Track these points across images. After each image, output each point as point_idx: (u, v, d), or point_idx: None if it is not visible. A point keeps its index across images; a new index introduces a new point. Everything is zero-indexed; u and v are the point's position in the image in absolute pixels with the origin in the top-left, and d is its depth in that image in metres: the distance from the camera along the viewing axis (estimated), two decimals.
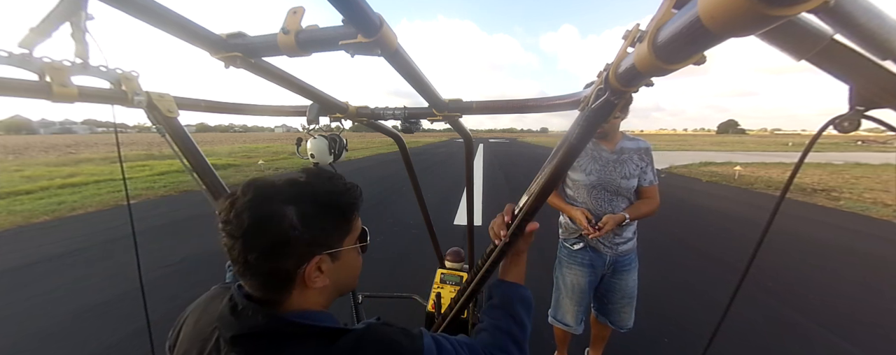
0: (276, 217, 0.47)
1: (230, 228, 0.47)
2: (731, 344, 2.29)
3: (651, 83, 0.50)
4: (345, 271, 0.56)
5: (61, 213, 5.58)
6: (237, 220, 0.46)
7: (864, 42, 0.33)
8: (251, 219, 0.46)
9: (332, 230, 0.52)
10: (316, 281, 0.51)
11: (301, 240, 0.48)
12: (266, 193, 0.48)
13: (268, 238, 0.47)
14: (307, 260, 0.49)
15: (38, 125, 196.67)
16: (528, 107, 0.93)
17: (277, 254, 0.48)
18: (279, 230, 0.47)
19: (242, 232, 0.46)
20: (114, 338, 2.33)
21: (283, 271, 0.49)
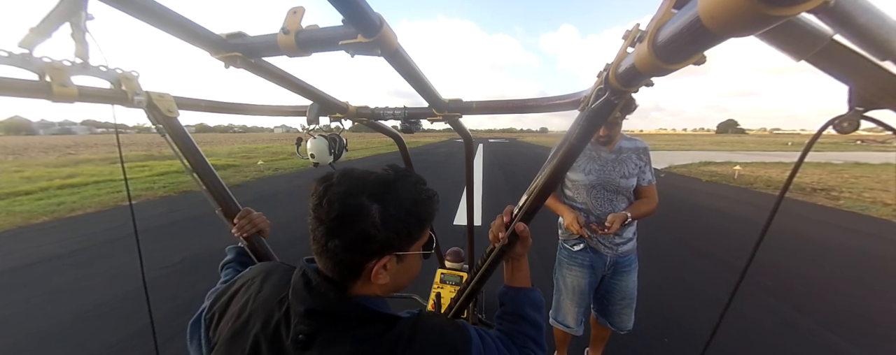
0: (361, 214, 0.50)
1: (320, 212, 0.51)
2: (731, 342, 2.29)
3: (651, 83, 0.50)
4: (405, 273, 0.59)
5: (61, 214, 5.57)
6: (328, 207, 0.50)
7: (864, 42, 0.33)
8: (340, 211, 0.49)
9: (406, 235, 0.54)
10: (379, 278, 0.53)
11: (377, 239, 0.51)
12: (358, 188, 0.51)
13: (350, 231, 0.50)
14: (377, 257, 0.52)
15: (38, 126, 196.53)
16: (528, 108, 0.93)
17: (354, 248, 0.51)
18: (362, 226, 0.50)
19: (330, 219, 0.50)
20: (114, 339, 2.33)
21: (355, 263, 0.52)
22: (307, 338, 0.50)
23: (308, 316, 0.51)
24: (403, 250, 0.55)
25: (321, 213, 0.51)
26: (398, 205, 0.52)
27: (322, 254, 0.53)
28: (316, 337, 0.51)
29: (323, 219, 0.51)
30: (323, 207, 0.51)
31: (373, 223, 0.50)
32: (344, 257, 0.51)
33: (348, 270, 0.53)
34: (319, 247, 0.52)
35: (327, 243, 0.51)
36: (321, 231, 0.51)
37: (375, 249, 0.52)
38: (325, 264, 0.54)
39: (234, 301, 0.61)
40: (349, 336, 0.51)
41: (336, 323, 0.52)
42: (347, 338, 0.50)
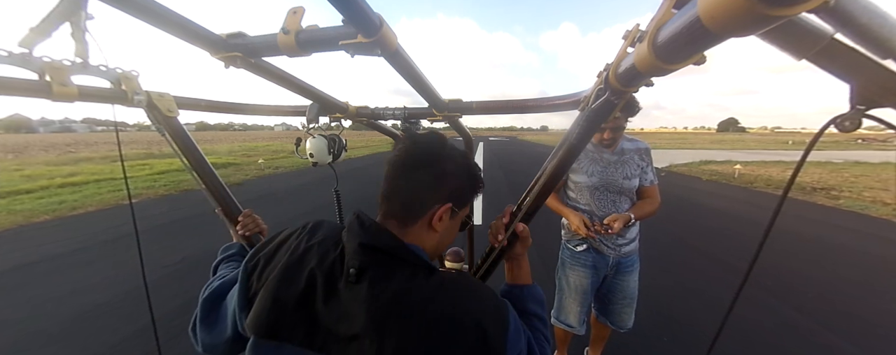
0: (445, 157, 0.60)
1: (406, 154, 0.59)
2: (731, 342, 2.29)
3: (651, 83, 0.50)
4: (449, 233, 0.65)
5: (62, 213, 5.58)
6: (417, 147, 0.60)
7: (865, 41, 0.33)
8: (429, 149, 0.59)
9: (466, 193, 0.63)
10: (439, 224, 0.60)
11: (449, 184, 0.59)
12: (443, 141, 0.61)
13: (435, 167, 0.59)
14: (442, 203, 0.59)
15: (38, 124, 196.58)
16: (528, 108, 0.93)
17: (433, 183, 0.58)
18: (444, 166, 0.59)
19: (420, 152, 0.59)
20: (115, 338, 2.33)
21: (426, 200, 0.59)
22: (358, 272, 0.53)
23: (361, 250, 0.54)
24: (458, 207, 0.62)
25: (409, 154, 0.59)
26: (466, 167, 0.62)
27: (395, 193, 0.59)
28: (366, 272, 0.53)
29: (410, 156, 0.59)
30: (411, 149, 0.59)
31: (452, 168, 0.59)
32: (420, 192, 0.58)
33: (419, 207, 0.59)
34: (394, 187, 0.59)
35: (410, 176, 0.58)
36: (405, 167, 0.58)
37: (444, 194, 0.59)
38: (393, 204, 0.60)
39: (283, 247, 0.63)
40: (397, 273, 0.53)
41: (386, 261, 0.54)
42: (395, 275, 0.53)
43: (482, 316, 0.51)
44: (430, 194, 0.58)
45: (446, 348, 0.48)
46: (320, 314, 0.53)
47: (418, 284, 0.53)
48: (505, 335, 0.52)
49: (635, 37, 0.44)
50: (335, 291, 0.53)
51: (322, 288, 0.54)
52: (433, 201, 0.58)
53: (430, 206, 0.59)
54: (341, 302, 0.52)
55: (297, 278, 0.55)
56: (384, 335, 0.48)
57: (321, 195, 7.01)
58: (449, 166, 0.59)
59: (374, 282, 0.52)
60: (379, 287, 0.51)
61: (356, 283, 0.52)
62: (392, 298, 0.50)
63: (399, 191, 0.59)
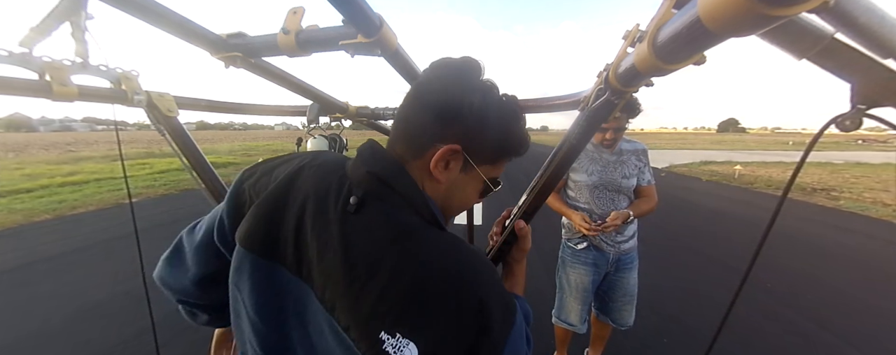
0: (465, 89, 0.48)
1: (422, 76, 0.51)
2: (730, 342, 2.29)
3: (651, 83, 0.50)
4: (461, 191, 0.54)
5: (62, 212, 5.58)
6: (436, 68, 0.50)
7: (865, 40, 0.33)
8: (448, 75, 0.49)
9: (485, 144, 0.51)
10: (437, 169, 0.49)
11: (460, 120, 0.48)
12: (477, 74, 0.50)
13: (446, 95, 0.48)
14: (446, 142, 0.48)
15: (38, 123, 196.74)
16: (528, 108, 0.93)
17: (438, 113, 0.48)
18: (459, 99, 0.48)
19: (432, 80, 0.50)
20: (117, 338, 2.33)
21: (425, 135, 0.49)
22: (358, 204, 0.46)
23: (368, 178, 0.48)
24: (475, 156, 0.50)
25: (428, 73, 0.50)
26: (499, 116, 0.50)
27: (401, 119, 0.51)
28: (365, 205, 0.46)
29: (428, 76, 0.50)
30: (435, 67, 0.50)
31: (468, 103, 0.47)
32: (421, 121, 0.48)
33: (418, 138, 0.49)
34: (402, 113, 0.51)
35: (415, 103, 0.49)
36: (419, 88, 0.50)
37: (449, 133, 0.48)
38: (396, 134, 0.52)
39: (283, 165, 0.56)
40: (403, 214, 0.46)
41: (389, 196, 0.47)
42: (401, 215, 0.46)
43: (490, 300, 0.41)
44: (436, 126, 0.48)
45: (437, 318, 0.39)
46: (308, 241, 0.46)
47: (430, 235, 0.45)
48: (508, 333, 0.42)
49: (635, 37, 0.44)
50: (326, 220, 0.46)
51: (312, 215, 0.47)
52: (438, 134, 0.48)
53: (426, 146, 0.48)
54: (331, 233, 0.45)
55: (292, 197, 0.50)
56: (373, 277, 0.40)
57: None
58: (474, 98, 0.48)
59: (375, 216, 0.45)
60: (379, 221, 0.44)
61: (354, 214, 0.45)
62: (395, 238, 0.43)
63: (405, 116, 0.50)
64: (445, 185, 0.51)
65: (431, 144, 0.48)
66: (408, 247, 0.42)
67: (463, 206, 0.57)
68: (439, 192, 0.52)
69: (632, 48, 0.45)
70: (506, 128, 0.52)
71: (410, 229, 0.44)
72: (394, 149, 0.52)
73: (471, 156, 0.50)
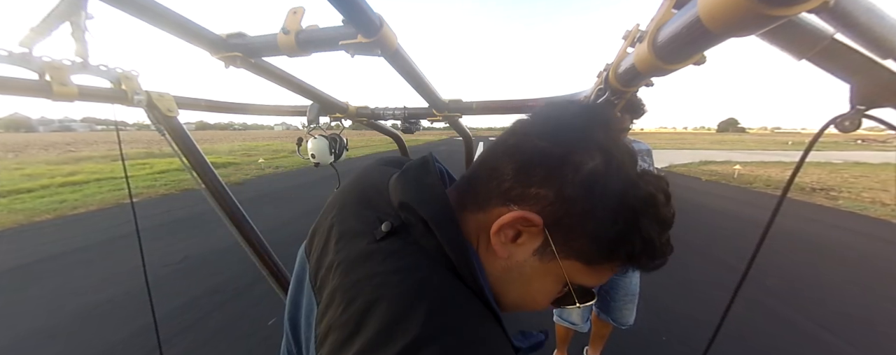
0: (579, 139, 0.35)
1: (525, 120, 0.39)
2: (729, 341, 2.29)
3: (651, 83, 0.50)
4: (526, 281, 0.38)
5: (63, 212, 5.58)
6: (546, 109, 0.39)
7: (865, 41, 0.33)
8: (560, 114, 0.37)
9: (588, 232, 0.35)
10: (498, 236, 0.36)
11: (553, 184, 0.34)
12: (602, 125, 0.37)
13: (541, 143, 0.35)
14: (525, 205, 0.35)
15: (38, 123, 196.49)
16: (528, 108, 0.93)
17: (519, 164, 0.36)
18: (560, 151, 0.35)
19: (533, 121, 0.38)
20: (119, 337, 2.33)
21: (494, 184, 0.37)
22: (389, 232, 0.36)
23: (401, 208, 0.38)
24: (561, 244, 0.36)
25: (535, 114, 0.39)
26: (622, 197, 0.34)
27: (478, 161, 0.40)
28: (395, 235, 0.36)
29: (530, 118, 0.38)
30: (547, 107, 0.39)
31: (576, 162, 0.34)
32: (499, 165, 0.37)
33: (483, 189, 0.38)
34: (485, 152, 0.40)
35: (504, 142, 0.38)
36: (511, 129, 0.39)
37: (536, 195, 0.35)
38: (467, 172, 0.41)
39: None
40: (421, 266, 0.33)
41: (418, 240, 0.35)
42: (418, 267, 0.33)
43: None
44: (516, 178, 0.36)
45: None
46: (324, 255, 0.41)
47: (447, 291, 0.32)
48: None
49: (635, 37, 0.44)
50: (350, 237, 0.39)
51: (339, 224, 0.41)
52: (511, 192, 0.36)
53: (500, 197, 0.36)
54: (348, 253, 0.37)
55: (336, 199, 0.47)
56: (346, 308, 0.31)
57: (322, 194, 7.01)
58: (589, 158, 0.34)
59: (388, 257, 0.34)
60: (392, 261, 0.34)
61: (375, 242, 0.36)
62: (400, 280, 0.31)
63: (485, 156, 0.39)
64: (505, 264, 0.38)
65: (501, 200, 0.36)
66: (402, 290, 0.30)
67: (524, 304, 0.41)
68: (494, 270, 0.38)
69: (632, 48, 0.45)
70: (628, 218, 0.35)
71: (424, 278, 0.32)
72: (456, 188, 0.42)
73: (555, 241, 0.36)
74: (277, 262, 1.03)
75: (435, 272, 0.33)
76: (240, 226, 0.97)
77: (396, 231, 0.36)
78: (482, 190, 0.38)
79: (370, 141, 30.72)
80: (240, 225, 0.97)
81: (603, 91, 0.56)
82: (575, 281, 0.39)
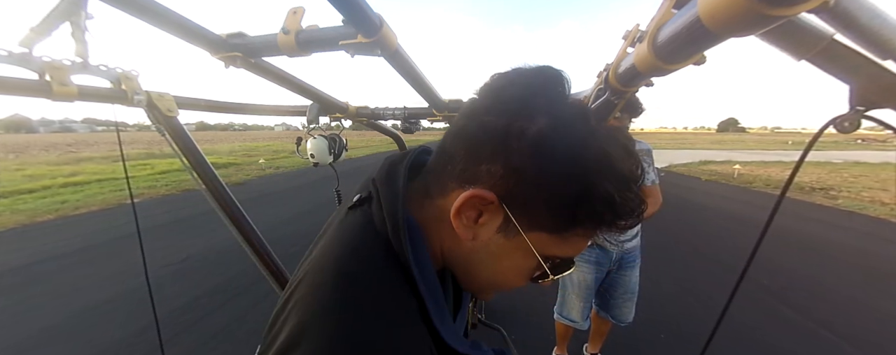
0: (522, 106, 0.33)
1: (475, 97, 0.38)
2: (728, 341, 2.29)
3: (651, 83, 0.50)
4: (496, 261, 0.38)
5: (65, 212, 5.58)
6: (492, 80, 0.37)
7: (865, 42, 0.33)
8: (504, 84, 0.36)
9: (544, 200, 0.34)
10: (458, 220, 0.35)
11: (501, 157, 0.33)
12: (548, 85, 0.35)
13: (486, 117, 0.34)
14: (478, 184, 0.34)
15: (38, 123, 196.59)
16: None
17: (467, 142, 0.35)
18: (503, 122, 0.33)
19: (482, 95, 0.37)
20: (120, 335, 2.34)
21: (449, 167, 0.37)
22: (357, 202, 0.40)
23: (373, 183, 0.40)
24: (522, 218, 0.35)
25: (483, 87, 0.38)
26: (574, 156, 0.32)
27: (445, 138, 0.39)
28: (360, 206, 0.40)
29: (479, 92, 0.38)
30: (494, 78, 0.38)
31: (518, 129, 0.32)
32: (452, 147, 0.37)
33: (441, 174, 0.38)
34: (449, 131, 0.40)
35: (457, 122, 0.38)
36: (465, 108, 0.38)
37: (486, 171, 0.34)
38: (428, 168, 0.42)
39: None
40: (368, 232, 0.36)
41: (373, 212, 0.38)
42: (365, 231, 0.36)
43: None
44: (467, 158, 0.35)
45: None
46: None
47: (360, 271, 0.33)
48: None
49: (635, 37, 0.44)
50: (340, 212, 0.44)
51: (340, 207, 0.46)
52: (465, 172, 0.35)
53: (455, 179, 0.36)
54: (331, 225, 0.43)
55: None
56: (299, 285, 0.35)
57: (322, 194, 7.01)
58: (533, 123, 0.32)
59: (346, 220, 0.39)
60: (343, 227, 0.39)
61: (350, 209, 0.41)
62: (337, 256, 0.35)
63: (440, 149, 0.39)
64: (471, 245, 0.37)
65: (456, 183, 0.36)
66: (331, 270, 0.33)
67: (498, 283, 0.41)
68: (462, 252, 0.39)
69: (632, 48, 0.45)
70: (582, 179, 0.32)
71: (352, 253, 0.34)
72: (422, 178, 0.42)
73: (515, 215, 0.34)
74: (277, 262, 1.02)
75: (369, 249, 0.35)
76: (240, 226, 0.97)
77: (361, 202, 0.40)
78: (441, 176, 0.38)
79: (370, 141, 30.73)
80: (240, 225, 0.97)
81: (603, 91, 0.56)
82: (546, 253, 0.37)
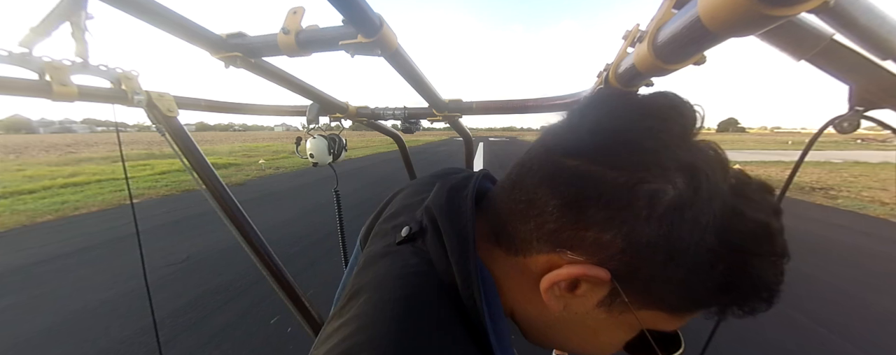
0: (654, 159, 0.25)
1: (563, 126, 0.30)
2: (727, 340, 2.29)
3: (651, 83, 0.50)
4: (589, 331, 0.32)
5: (65, 212, 5.58)
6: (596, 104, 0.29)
7: (864, 42, 0.33)
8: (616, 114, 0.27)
9: (676, 282, 0.26)
10: (551, 292, 0.29)
11: (622, 227, 0.25)
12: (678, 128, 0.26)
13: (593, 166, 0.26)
14: (582, 252, 0.27)
15: (38, 124, 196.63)
16: (528, 108, 0.93)
17: (566, 198, 0.26)
18: (625, 177, 0.25)
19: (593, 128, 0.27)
20: (124, 334, 2.34)
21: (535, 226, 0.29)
22: (407, 236, 0.35)
23: (426, 212, 0.35)
24: (641, 293, 0.28)
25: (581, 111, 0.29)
26: (719, 228, 0.25)
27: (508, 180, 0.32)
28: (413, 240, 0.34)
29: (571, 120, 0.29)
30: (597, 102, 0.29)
31: (651, 191, 0.24)
32: (538, 197, 0.28)
33: (519, 230, 0.30)
34: (518, 169, 0.31)
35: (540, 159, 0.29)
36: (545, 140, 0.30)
37: (597, 240, 0.26)
38: (494, 211, 0.33)
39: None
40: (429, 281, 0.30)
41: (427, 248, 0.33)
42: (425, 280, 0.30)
43: None
44: (565, 219, 0.27)
45: None
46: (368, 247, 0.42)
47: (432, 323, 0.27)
48: None
49: (635, 37, 0.44)
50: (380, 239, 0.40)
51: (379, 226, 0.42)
52: (560, 236, 0.28)
53: (545, 243, 0.29)
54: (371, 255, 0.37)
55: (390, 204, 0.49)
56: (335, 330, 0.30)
57: (322, 194, 7.01)
58: (669, 182, 0.25)
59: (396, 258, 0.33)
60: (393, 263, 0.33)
61: (397, 244, 0.35)
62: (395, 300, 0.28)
63: (520, 177, 0.31)
64: (561, 315, 0.31)
65: (547, 245, 0.28)
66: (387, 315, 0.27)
67: (586, 352, 0.35)
68: (545, 318, 0.32)
69: (632, 48, 0.45)
70: (733, 261, 0.26)
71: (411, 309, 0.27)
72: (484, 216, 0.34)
73: (629, 292, 0.28)
74: (278, 262, 1.02)
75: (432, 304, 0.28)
76: (240, 226, 0.97)
77: (414, 237, 0.35)
78: (518, 230, 0.30)
79: (370, 142, 30.73)
80: (240, 225, 0.97)
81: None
82: (655, 328, 0.31)
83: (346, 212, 1.27)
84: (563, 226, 0.27)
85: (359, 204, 6.00)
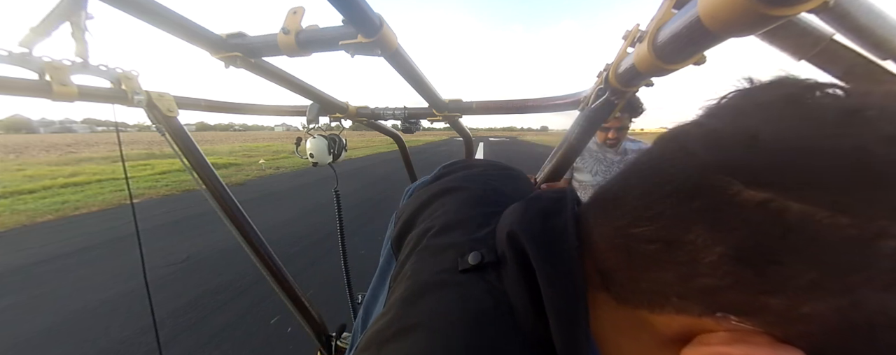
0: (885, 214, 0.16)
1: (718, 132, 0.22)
2: None
3: (651, 83, 0.50)
4: None
5: (65, 212, 5.59)
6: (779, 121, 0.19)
7: (864, 42, 0.33)
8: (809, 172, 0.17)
9: None
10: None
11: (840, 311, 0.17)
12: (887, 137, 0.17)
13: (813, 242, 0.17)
14: (752, 321, 0.19)
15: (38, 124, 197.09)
16: (528, 108, 0.93)
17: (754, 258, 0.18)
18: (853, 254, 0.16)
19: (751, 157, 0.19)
20: (125, 334, 2.34)
21: (675, 283, 0.21)
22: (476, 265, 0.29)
23: (509, 238, 0.29)
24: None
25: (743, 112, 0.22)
26: None
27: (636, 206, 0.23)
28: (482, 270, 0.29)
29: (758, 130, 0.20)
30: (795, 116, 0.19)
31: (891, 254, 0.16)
32: (668, 249, 0.21)
33: (645, 283, 0.22)
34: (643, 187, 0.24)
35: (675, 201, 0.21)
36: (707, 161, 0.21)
37: (788, 311, 0.18)
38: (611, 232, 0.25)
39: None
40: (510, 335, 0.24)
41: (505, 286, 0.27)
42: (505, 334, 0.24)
43: None
44: (720, 281, 0.19)
45: None
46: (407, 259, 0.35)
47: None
48: None
49: (635, 37, 0.44)
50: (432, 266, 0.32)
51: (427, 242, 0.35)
52: (712, 300, 0.20)
53: (683, 301, 0.21)
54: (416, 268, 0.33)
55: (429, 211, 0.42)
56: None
57: (323, 194, 7.01)
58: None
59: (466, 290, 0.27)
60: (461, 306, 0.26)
61: (457, 273, 0.29)
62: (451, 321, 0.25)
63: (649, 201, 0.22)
64: None
65: (694, 305, 0.21)
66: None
67: None
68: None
69: (632, 48, 0.45)
70: None
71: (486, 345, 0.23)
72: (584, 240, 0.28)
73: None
74: (278, 263, 1.03)
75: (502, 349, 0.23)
76: (240, 226, 0.97)
77: (484, 267, 0.28)
78: (644, 278, 0.22)
79: (370, 142, 30.75)
80: (240, 225, 0.97)
81: (603, 91, 0.56)
82: None
83: (346, 212, 1.27)
84: (730, 285, 0.19)
85: (359, 204, 6.00)
